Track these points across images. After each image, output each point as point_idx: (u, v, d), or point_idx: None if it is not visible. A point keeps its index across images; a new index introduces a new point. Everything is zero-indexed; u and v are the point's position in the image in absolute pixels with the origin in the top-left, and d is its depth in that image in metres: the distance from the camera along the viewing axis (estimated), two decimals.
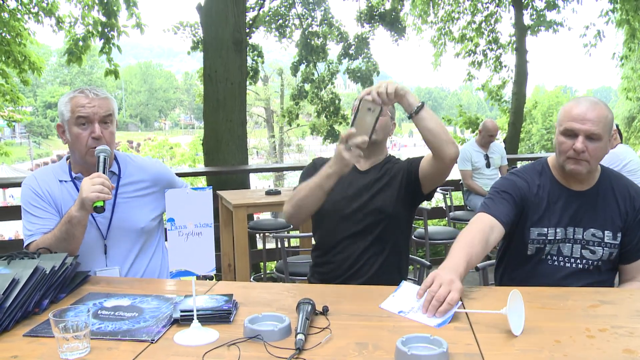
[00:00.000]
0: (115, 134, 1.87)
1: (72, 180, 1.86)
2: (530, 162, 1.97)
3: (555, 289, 1.54)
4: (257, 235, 4.76)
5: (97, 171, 1.69)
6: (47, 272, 1.43)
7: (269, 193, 4.09)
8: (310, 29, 11.92)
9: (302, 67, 12.31)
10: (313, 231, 2.10)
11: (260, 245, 5.42)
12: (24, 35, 7.43)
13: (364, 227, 1.96)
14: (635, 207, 1.79)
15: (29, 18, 7.34)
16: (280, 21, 11.90)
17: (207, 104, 5.59)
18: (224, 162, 5.49)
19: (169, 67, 75.85)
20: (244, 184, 5.54)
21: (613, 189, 1.81)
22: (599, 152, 1.71)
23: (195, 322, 1.24)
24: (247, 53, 7.08)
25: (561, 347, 1.13)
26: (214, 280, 3.29)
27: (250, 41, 10.35)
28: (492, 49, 10.86)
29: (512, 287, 1.33)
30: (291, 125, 16.97)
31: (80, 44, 7.00)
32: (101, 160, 1.72)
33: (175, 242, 1.24)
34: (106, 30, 6.78)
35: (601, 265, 1.80)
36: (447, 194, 5.29)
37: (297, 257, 3.29)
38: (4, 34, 7.20)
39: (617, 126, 4.24)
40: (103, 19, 6.78)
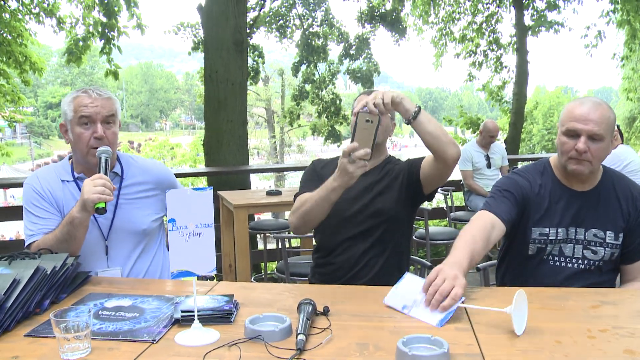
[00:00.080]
0: (118, 134, 1.86)
1: (75, 180, 1.86)
2: (531, 162, 1.97)
3: (556, 290, 1.54)
4: (258, 235, 4.76)
5: (99, 172, 1.69)
6: (48, 272, 1.43)
7: (269, 193, 4.10)
8: (310, 30, 11.94)
9: (303, 67, 12.33)
10: (314, 232, 2.09)
11: (261, 246, 5.42)
12: (25, 36, 7.44)
13: (365, 229, 1.95)
14: (637, 207, 1.79)
15: (30, 18, 7.35)
16: (281, 21, 11.92)
17: (207, 104, 5.59)
18: (225, 163, 5.50)
19: (170, 68, 75.90)
20: (245, 185, 5.54)
21: (615, 189, 1.81)
22: (601, 153, 1.71)
23: (196, 323, 1.24)
24: (248, 53, 7.09)
25: (562, 348, 1.13)
26: (214, 280, 3.30)
27: (251, 42, 10.36)
28: (493, 50, 10.87)
29: (513, 287, 1.33)
30: (292, 125, 16.98)
31: (80, 44, 7.01)
32: (102, 161, 1.71)
33: (176, 243, 1.24)
34: (106, 30, 6.79)
35: (602, 265, 1.79)
36: (448, 195, 5.29)
37: (298, 258, 3.29)
38: (5, 35, 7.21)
39: (618, 127, 4.24)
40: (103, 19, 6.79)
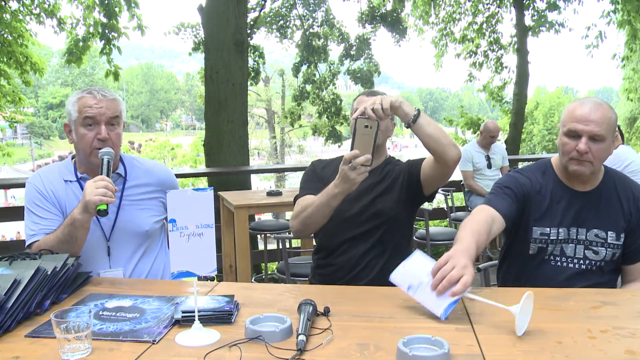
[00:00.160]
0: (122, 135, 1.86)
1: (78, 180, 1.85)
2: (531, 162, 1.97)
3: (557, 290, 1.54)
4: (259, 236, 4.75)
5: (101, 174, 1.69)
6: (49, 273, 1.43)
7: (270, 194, 4.10)
8: (311, 30, 11.95)
9: (304, 68, 12.33)
10: (314, 233, 2.09)
11: (261, 246, 5.42)
12: (25, 36, 7.44)
13: (365, 230, 1.95)
14: (639, 207, 1.78)
15: (30, 19, 7.36)
16: (282, 22, 11.93)
17: (208, 104, 5.59)
18: (225, 163, 5.50)
19: (171, 68, 75.89)
20: (245, 185, 5.54)
21: (617, 189, 1.81)
22: (603, 153, 1.71)
23: (196, 323, 1.24)
24: (249, 54, 7.09)
25: (562, 348, 1.13)
26: (215, 281, 3.30)
27: (252, 42, 10.37)
28: (494, 50, 10.87)
29: (514, 288, 1.33)
30: (293, 126, 16.99)
31: (81, 44, 7.01)
32: (105, 163, 1.71)
33: (176, 243, 1.24)
34: (107, 31, 6.79)
35: (604, 266, 1.79)
36: (449, 195, 5.28)
37: (299, 258, 3.29)
38: (5, 35, 7.22)
39: (619, 127, 4.22)
40: (104, 20, 6.79)
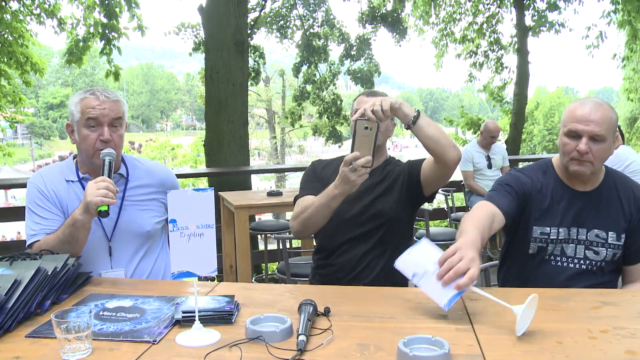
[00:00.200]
0: (124, 136, 1.86)
1: (79, 180, 1.85)
2: (532, 162, 1.97)
3: (557, 290, 1.54)
4: (259, 236, 4.76)
5: (102, 175, 1.68)
6: (49, 273, 1.43)
7: (270, 194, 4.10)
8: (311, 30, 11.96)
9: (304, 68, 12.34)
10: (314, 234, 2.09)
11: (261, 246, 5.42)
12: (26, 37, 7.45)
13: (365, 230, 1.95)
14: (639, 208, 1.78)
15: (31, 19, 7.37)
16: (282, 22, 11.94)
17: (208, 105, 5.59)
18: (226, 163, 5.50)
19: (171, 68, 75.93)
20: (246, 185, 5.54)
21: (617, 189, 1.81)
22: (603, 154, 1.71)
23: (197, 323, 1.24)
24: (249, 54, 7.08)
25: (563, 349, 1.13)
26: (215, 281, 3.30)
27: (252, 42, 10.38)
28: (494, 50, 10.88)
29: (515, 288, 1.33)
30: (293, 126, 16.99)
31: (81, 44, 7.01)
32: (106, 163, 1.71)
33: (177, 243, 1.24)
34: (107, 31, 6.80)
35: (604, 266, 1.79)
36: (449, 195, 5.28)
37: (299, 258, 3.29)
38: (6, 35, 7.22)
39: (619, 127, 4.22)
40: (104, 20, 6.79)
